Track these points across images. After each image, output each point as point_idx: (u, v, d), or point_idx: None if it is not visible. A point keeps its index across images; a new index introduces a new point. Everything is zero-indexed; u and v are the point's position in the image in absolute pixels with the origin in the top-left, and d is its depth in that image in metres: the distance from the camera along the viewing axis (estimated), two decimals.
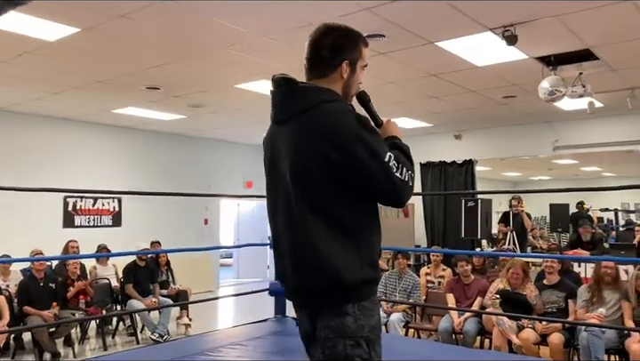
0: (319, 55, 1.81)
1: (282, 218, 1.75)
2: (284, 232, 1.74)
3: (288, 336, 4.50)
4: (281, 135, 1.76)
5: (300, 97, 1.76)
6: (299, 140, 1.69)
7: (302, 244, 1.68)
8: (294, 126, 1.71)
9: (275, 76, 1.83)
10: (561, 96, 5.44)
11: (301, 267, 1.70)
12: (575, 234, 8.07)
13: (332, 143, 1.64)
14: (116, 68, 5.94)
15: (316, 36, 1.83)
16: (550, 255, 5.91)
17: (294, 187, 1.69)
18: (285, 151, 1.73)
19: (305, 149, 1.68)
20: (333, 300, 1.66)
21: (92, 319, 6.74)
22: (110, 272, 7.46)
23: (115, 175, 9.59)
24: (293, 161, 1.70)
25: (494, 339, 5.06)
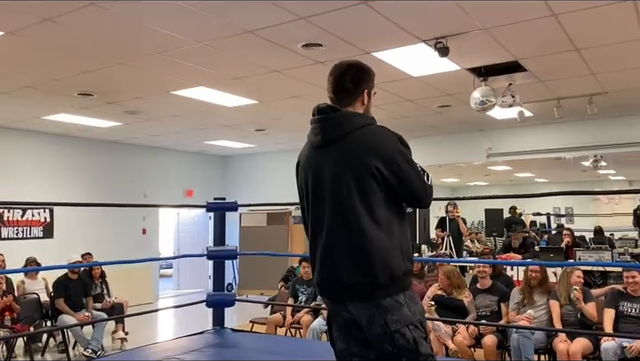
0: (344, 88, 2.13)
1: (333, 227, 1.98)
2: (337, 238, 1.97)
3: (225, 348, 4.42)
4: (325, 156, 2.03)
5: (346, 121, 2.06)
6: (352, 157, 1.98)
7: (360, 246, 1.93)
8: (342, 147, 2.00)
9: (320, 105, 2.13)
10: (491, 106, 5.65)
11: (362, 266, 1.92)
12: (508, 238, 8.38)
13: (381, 157, 1.97)
14: (45, 73, 5.70)
15: (338, 72, 2.17)
16: (482, 260, 6.11)
17: (349, 196, 1.95)
18: (334, 168, 1.99)
19: (359, 164, 1.96)
20: (390, 292, 1.92)
21: (19, 337, 6.39)
22: (40, 286, 7.11)
23: (47, 185, 9.18)
24: (346, 175, 1.97)
25: (432, 345, 5.16)
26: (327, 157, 2.02)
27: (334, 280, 1.98)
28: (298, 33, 4.58)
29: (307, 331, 5.89)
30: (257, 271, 10.75)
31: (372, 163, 1.95)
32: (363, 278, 1.92)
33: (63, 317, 6.48)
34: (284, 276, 7.87)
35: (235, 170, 12.81)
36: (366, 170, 1.95)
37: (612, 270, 6.87)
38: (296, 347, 4.73)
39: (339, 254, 1.96)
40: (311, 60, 5.35)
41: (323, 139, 2.05)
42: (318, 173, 2.04)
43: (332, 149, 2.02)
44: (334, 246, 1.98)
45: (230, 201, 5.05)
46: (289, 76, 5.88)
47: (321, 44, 4.86)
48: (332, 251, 1.98)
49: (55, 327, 6.62)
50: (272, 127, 9.15)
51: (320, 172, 2.03)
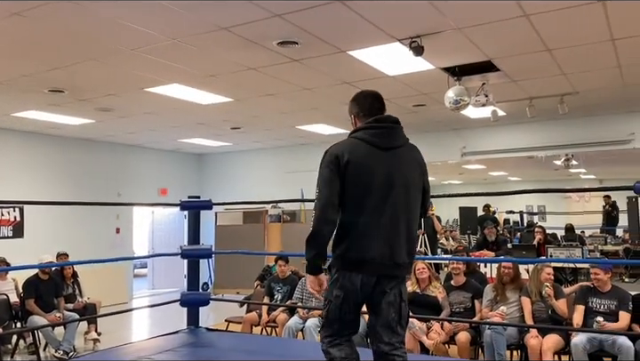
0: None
1: (394, 215, 2.38)
2: (396, 225, 2.38)
3: (200, 347, 4.38)
4: (386, 159, 2.42)
5: (403, 134, 2.54)
6: (411, 163, 2.50)
7: (412, 235, 2.46)
8: (401, 153, 2.48)
9: (381, 117, 2.52)
10: (465, 105, 5.71)
11: (411, 249, 2.45)
12: (482, 235, 8.50)
13: (423, 169, 2.57)
14: (14, 68, 5.57)
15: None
16: (456, 257, 6.17)
17: (410, 194, 2.44)
18: (401, 170, 2.44)
19: (415, 170, 2.50)
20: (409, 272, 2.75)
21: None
22: (9, 287, 6.95)
23: (17, 183, 8.97)
24: (411, 177, 2.47)
25: (407, 342, 5.19)
26: (392, 159, 2.43)
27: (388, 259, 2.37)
28: (273, 30, 4.56)
29: (282, 329, 5.88)
30: (233, 270, 10.68)
31: (420, 172, 2.55)
32: (409, 259, 2.47)
33: (33, 318, 6.34)
34: (260, 275, 7.85)
35: (210, 168, 12.71)
36: (417, 177, 2.51)
37: (582, 267, 7.04)
38: (271, 345, 4.72)
39: (395, 240, 2.39)
40: (287, 58, 5.33)
41: (382, 143, 2.44)
42: (383, 169, 2.40)
43: (393, 153, 2.45)
44: (389, 231, 2.38)
45: (205, 199, 5.01)
46: (264, 73, 5.86)
47: (296, 42, 4.84)
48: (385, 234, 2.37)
49: (25, 328, 6.48)
50: (248, 125, 9.11)
51: (383, 169, 2.40)
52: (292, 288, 6.31)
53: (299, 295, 6.17)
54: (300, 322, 5.85)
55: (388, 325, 2.41)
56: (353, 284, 2.36)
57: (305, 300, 6.10)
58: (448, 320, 5.14)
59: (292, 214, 11.36)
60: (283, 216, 11.28)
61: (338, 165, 2.36)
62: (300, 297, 6.15)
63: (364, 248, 2.34)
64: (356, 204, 2.36)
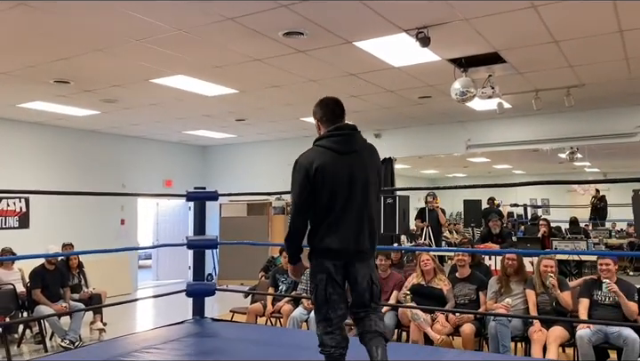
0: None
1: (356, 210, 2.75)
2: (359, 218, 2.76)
3: (205, 338, 4.41)
4: (347, 162, 2.76)
5: (360, 138, 2.89)
6: (367, 164, 2.83)
7: (373, 226, 2.83)
8: (359, 156, 2.82)
9: (340, 125, 2.85)
10: (471, 97, 5.69)
11: (372, 238, 2.83)
12: (486, 228, 8.49)
13: (378, 168, 2.95)
14: (19, 59, 5.57)
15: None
16: (461, 249, 6.17)
17: (368, 191, 2.80)
18: (359, 170, 2.78)
19: (371, 170, 2.85)
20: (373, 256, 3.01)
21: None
22: (16, 277, 6.99)
23: (22, 174, 9.00)
24: (367, 176, 2.80)
25: (411, 333, 5.21)
26: (349, 161, 2.77)
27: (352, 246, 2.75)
28: (279, 21, 4.55)
29: (287, 320, 5.90)
30: (237, 261, 10.70)
31: (377, 170, 2.91)
32: (371, 246, 2.83)
33: (40, 308, 6.39)
34: (265, 267, 7.87)
35: (215, 160, 12.72)
36: (375, 174, 2.87)
37: (586, 260, 7.03)
38: (277, 335, 4.74)
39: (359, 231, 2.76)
40: (292, 49, 5.32)
41: (339, 148, 2.78)
42: (342, 172, 2.75)
43: (350, 157, 2.79)
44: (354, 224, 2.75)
45: (210, 190, 5.02)
46: (270, 65, 5.84)
47: (302, 33, 4.83)
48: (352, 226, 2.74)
49: (32, 318, 6.52)
50: (253, 117, 9.10)
51: (343, 171, 2.75)
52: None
53: (303, 286, 6.19)
54: (305, 313, 5.87)
55: (363, 303, 2.84)
56: (329, 268, 2.75)
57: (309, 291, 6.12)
58: (452, 311, 5.15)
59: None
60: (287, 208, 11.29)
61: (307, 173, 2.73)
62: (305, 288, 6.17)
63: (332, 240, 2.74)
64: (324, 204, 2.74)
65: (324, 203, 2.73)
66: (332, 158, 2.75)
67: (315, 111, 2.94)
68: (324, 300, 2.76)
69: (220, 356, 3.75)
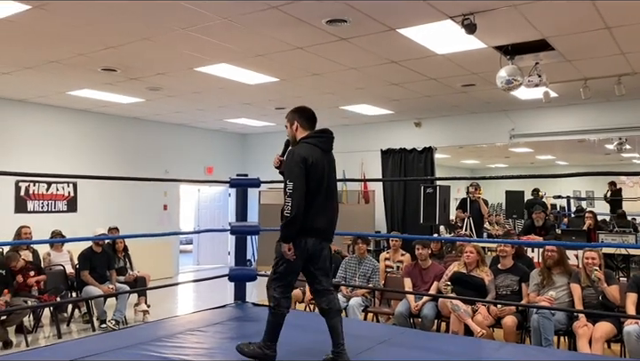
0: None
1: (331, 201, 3.32)
2: (332, 208, 3.33)
3: (247, 321, 4.49)
4: (327, 159, 3.31)
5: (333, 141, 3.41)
6: (334, 162, 3.41)
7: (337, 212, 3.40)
8: (331, 155, 3.38)
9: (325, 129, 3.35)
10: (518, 85, 5.56)
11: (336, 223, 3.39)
12: (529, 220, 8.32)
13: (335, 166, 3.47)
14: (70, 47, 5.74)
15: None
16: (503, 240, 6.07)
17: (336, 184, 3.40)
18: (331, 168, 3.35)
19: (334, 168, 3.41)
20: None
21: (46, 306, 6.57)
22: (65, 258, 7.27)
23: (70, 159, 9.32)
24: (335, 172, 3.40)
25: (451, 324, 5.18)
26: (328, 159, 3.33)
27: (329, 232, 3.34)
28: (323, 8, 4.54)
29: None
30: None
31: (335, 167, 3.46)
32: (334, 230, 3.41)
33: (88, 289, 6.63)
34: None
35: (254, 148, 12.85)
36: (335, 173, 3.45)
37: (635, 254, 6.81)
38: (316, 321, 4.77)
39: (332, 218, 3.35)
40: (335, 37, 5.30)
41: (325, 147, 3.31)
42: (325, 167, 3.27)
43: (328, 155, 3.35)
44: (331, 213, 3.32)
45: (253, 178, 5.09)
46: (311, 53, 5.85)
47: (346, 20, 4.81)
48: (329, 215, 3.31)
49: (80, 298, 6.78)
50: (292, 105, 8.98)
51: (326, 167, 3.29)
52: (336, 267, 6.36)
53: (342, 274, 6.22)
54: (344, 300, 5.90)
55: (325, 272, 3.37)
56: (306, 245, 3.21)
57: (348, 278, 6.15)
58: (494, 302, 5.09)
59: None
60: None
61: (305, 165, 3.15)
62: (344, 276, 6.20)
63: (321, 221, 3.25)
64: (313, 191, 3.19)
65: (313, 190, 3.19)
66: (319, 154, 3.24)
67: (292, 117, 3.37)
68: (292, 271, 3.27)
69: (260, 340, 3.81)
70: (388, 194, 10.56)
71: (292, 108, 3.44)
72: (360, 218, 10.49)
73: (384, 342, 3.85)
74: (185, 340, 3.80)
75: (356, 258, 6.30)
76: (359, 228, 9.94)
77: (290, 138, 3.39)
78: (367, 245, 6.54)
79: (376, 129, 10.84)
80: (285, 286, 3.31)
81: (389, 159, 10.56)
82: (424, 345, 3.89)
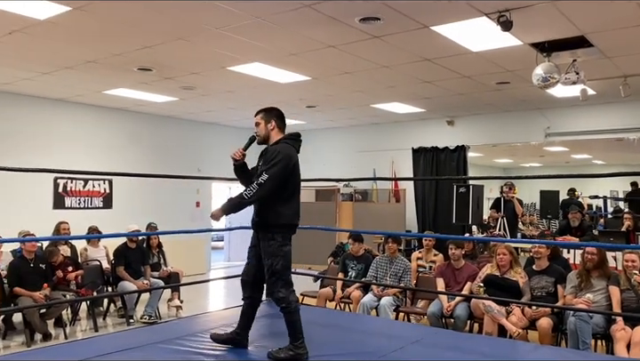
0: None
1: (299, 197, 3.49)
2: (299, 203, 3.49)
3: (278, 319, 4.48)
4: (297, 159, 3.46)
5: None
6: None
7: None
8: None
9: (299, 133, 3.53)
10: (554, 83, 5.44)
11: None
12: (565, 220, 8.13)
13: None
14: (107, 47, 5.87)
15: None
16: (539, 241, 5.95)
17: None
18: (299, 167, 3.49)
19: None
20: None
21: (83, 300, 6.74)
22: (101, 254, 7.44)
23: (106, 157, 9.53)
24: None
25: (485, 325, 5.11)
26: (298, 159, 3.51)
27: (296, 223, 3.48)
28: (356, 6, 4.53)
29: (356, 306, 5.95)
30: (304, 246, 10.80)
31: None
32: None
33: (123, 284, 6.78)
34: (334, 252, 7.95)
35: None
36: None
37: None
38: (348, 320, 4.79)
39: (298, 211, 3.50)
40: (367, 35, 5.29)
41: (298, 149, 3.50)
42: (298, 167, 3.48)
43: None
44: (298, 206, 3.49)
45: None
46: (344, 51, 5.84)
47: (379, 18, 4.79)
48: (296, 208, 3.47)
49: (116, 293, 6.93)
50: (323, 104, 9.15)
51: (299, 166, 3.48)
52: (367, 266, 6.35)
53: (373, 273, 6.20)
54: (375, 299, 5.89)
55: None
56: (289, 240, 3.42)
57: (379, 278, 6.13)
58: (528, 304, 5.00)
59: (364, 193, 11.37)
60: (355, 195, 11.31)
61: (289, 164, 3.32)
62: (375, 275, 6.18)
63: (294, 218, 3.42)
64: (294, 190, 3.41)
65: (294, 189, 3.41)
66: (296, 155, 3.45)
67: (269, 116, 3.47)
68: (288, 267, 3.40)
69: None
70: (420, 193, 10.47)
71: (265, 108, 3.53)
72: (390, 217, 10.45)
73: (417, 342, 3.83)
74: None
75: (387, 257, 6.27)
76: (389, 227, 9.90)
77: (260, 135, 3.49)
78: (398, 245, 6.50)
79: (407, 127, 10.76)
80: (287, 283, 3.39)
81: (421, 158, 10.47)
82: (458, 345, 3.85)
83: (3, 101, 8.31)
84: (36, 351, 4.08)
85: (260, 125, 3.50)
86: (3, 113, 8.34)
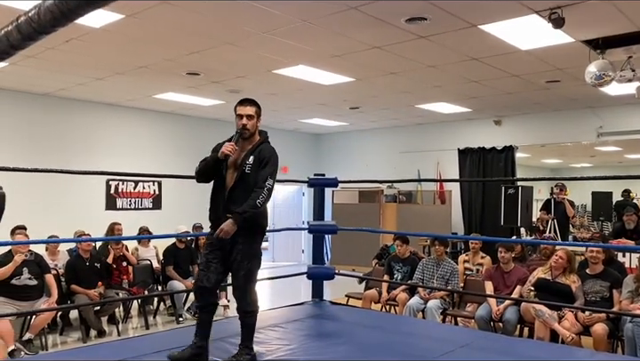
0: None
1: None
2: None
3: (326, 320, 4.54)
4: None
5: None
6: None
7: None
8: None
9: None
10: (609, 81, 5.26)
11: None
12: (619, 223, 7.83)
13: None
14: (158, 53, 6.04)
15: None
16: (594, 244, 5.75)
17: None
18: None
19: None
20: None
21: (135, 299, 6.94)
22: (151, 254, 7.65)
23: (155, 159, 9.80)
24: None
25: (536, 330, 4.97)
26: None
27: None
28: (403, 7, 4.51)
29: (402, 308, 5.91)
30: (348, 247, 10.87)
31: None
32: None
33: (172, 283, 6.95)
34: (378, 254, 7.91)
35: (327, 147, 12.95)
36: None
37: None
38: (395, 322, 4.76)
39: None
40: (414, 35, 5.25)
41: None
42: None
43: None
44: None
45: (330, 177, 5.13)
46: (389, 52, 5.82)
47: (425, 18, 4.75)
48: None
49: (165, 292, 7.11)
50: (367, 105, 9.13)
51: None
52: (413, 268, 6.29)
53: (419, 276, 6.15)
54: (421, 302, 5.83)
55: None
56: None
57: (426, 280, 6.07)
58: (582, 308, 4.84)
59: (408, 195, 11.27)
60: (399, 196, 11.23)
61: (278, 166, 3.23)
62: (421, 278, 6.12)
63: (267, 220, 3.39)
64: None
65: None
66: None
67: (260, 111, 3.28)
68: (259, 268, 3.25)
69: (343, 339, 3.85)
70: (466, 194, 10.30)
71: (254, 100, 3.28)
72: (436, 219, 10.32)
73: (466, 346, 3.76)
74: (267, 336, 3.89)
75: (434, 260, 6.20)
76: (434, 229, 9.78)
77: (249, 131, 3.20)
78: (445, 247, 6.42)
79: (453, 127, 10.60)
80: (254, 285, 3.28)
81: (467, 158, 10.29)
82: (508, 350, 3.77)
83: (58, 106, 8.67)
84: (92, 348, 4.24)
85: (252, 119, 3.22)
86: (58, 117, 8.70)
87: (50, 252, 6.50)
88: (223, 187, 3.22)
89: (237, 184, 3.15)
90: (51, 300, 5.65)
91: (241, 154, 3.18)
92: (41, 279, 5.65)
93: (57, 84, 7.75)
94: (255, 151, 3.19)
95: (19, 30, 1.03)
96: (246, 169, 3.13)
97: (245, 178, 3.13)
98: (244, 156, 3.17)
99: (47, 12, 0.95)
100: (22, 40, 1.04)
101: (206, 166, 3.27)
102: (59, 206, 8.41)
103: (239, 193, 3.13)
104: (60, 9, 0.93)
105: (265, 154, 3.18)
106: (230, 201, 3.14)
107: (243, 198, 3.09)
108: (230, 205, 3.12)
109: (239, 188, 3.14)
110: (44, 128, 8.53)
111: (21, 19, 1.02)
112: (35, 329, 5.48)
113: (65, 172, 4.28)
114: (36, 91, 8.20)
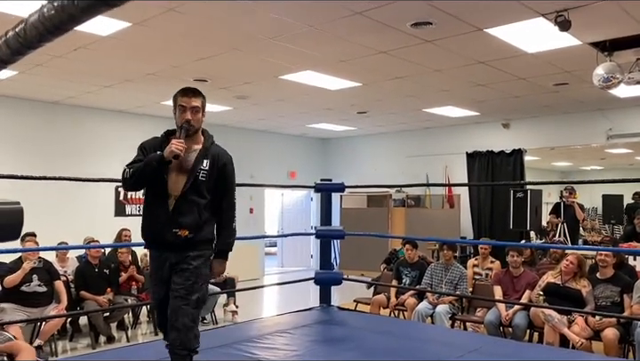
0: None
1: None
2: None
3: (334, 325, 4.53)
4: None
5: None
6: None
7: None
8: None
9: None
10: (617, 83, 5.23)
11: None
12: (630, 226, 7.76)
13: None
14: (165, 60, 6.08)
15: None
16: (604, 248, 5.70)
17: None
18: None
19: None
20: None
21: (144, 305, 6.96)
22: None
23: None
24: None
25: (546, 335, 4.93)
26: None
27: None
28: (408, 11, 4.51)
29: (411, 313, 5.88)
30: (357, 252, 10.84)
31: None
32: None
33: None
34: (387, 259, 7.89)
35: (335, 152, 12.95)
36: None
37: None
38: (403, 328, 4.75)
39: None
40: (419, 40, 5.25)
41: None
42: None
43: None
44: None
45: (337, 182, 5.13)
46: (395, 56, 5.82)
47: (431, 23, 4.75)
48: None
49: None
50: (374, 109, 9.12)
51: None
52: (421, 273, 6.27)
53: (428, 281, 6.12)
54: (430, 307, 5.80)
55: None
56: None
57: (434, 285, 6.04)
58: (592, 313, 4.79)
59: (417, 199, 11.24)
60: (407, 201, 11.20)
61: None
62: (430, 283, 6.09)
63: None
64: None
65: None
66: None
67: (205, 103, 2.86)
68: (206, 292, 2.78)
69: (351, 345, 3.84)
70: (475, 198, 10.25)
71: (198, 90, 2.83)
72: (444, 223, 10.28)
73: (475, 351, 3.74)
74: (275, 342, 3.89)
75: (442, 264, 6.17)
76: (443, 233, 9.74)
77: (193, 126, 2.74)
78: (454, 252, 6.39)
79: (461, 131, 10.57)
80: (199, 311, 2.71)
81: (475, 162, 10.25)
82: (518, 355, 3.74)
83: (67, 114, 8.75)
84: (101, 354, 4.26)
85: (198, 113, 2.75)
86: (67, 125, 8.78)
87: (59, 259, 6.54)
88: (165, 194, 2.68)
89: (188, 192, 2.65)
90: (60, 307, 5.68)
91: (187, 155, 2.68)
92: (50, 286, 5.69)
93: (66, 92, 7.82)
94: (208, 155, 2.76)
95: (7, 45, 1.06)
96: (200, 175, 2.68)
97: (198, 186, 2.67)
98: (196, 159, 2.70)
99: (32, 28, 0.98)
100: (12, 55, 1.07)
101: (148, 169, 2.67)
102: (68, 213, 8.47)
103: (189, 204, 2.65)
104: (44, 25, 0.96)
105: (224, 160, 2.80)
106: (177, 212, 2.63)
107: (193, 210, 2.63)
108: (178, 218, 2.62)
109: (189, 198, 2.65)
110: (54, 135, 8.61)
111: (9, 34, 1.05)
112: (44, 335, 5.51)
113: (74, 179, 4.32)
114: (45, 99, 8.29)
